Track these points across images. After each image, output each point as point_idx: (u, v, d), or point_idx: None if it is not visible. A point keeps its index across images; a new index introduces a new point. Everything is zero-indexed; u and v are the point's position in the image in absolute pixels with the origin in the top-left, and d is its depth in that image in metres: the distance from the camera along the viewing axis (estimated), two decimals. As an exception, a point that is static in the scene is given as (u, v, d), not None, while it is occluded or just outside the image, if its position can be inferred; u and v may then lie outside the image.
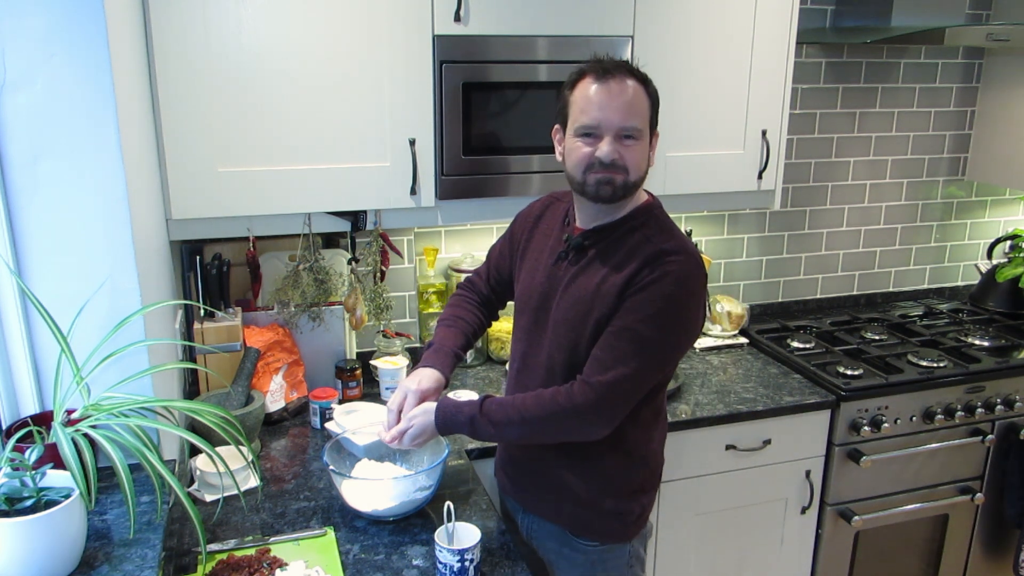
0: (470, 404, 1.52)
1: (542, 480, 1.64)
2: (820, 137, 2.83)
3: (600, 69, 1.44)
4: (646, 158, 1.48)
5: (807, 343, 2.61)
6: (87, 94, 1.32)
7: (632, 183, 1.46)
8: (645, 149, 1.47)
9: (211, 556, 1.49)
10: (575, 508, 1.61)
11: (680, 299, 1.43)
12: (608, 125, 1.43)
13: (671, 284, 1.42)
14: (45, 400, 1.43)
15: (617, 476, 1.59)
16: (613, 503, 1.59)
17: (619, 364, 1.43)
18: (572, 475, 1.59)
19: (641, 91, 1.45)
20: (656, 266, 1.43)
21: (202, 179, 1.83)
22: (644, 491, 1.64)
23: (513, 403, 1.49)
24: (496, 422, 1.48)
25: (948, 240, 3.13)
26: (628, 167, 1.45)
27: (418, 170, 1.98)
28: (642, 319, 1.42)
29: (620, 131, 1.43)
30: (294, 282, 2.10)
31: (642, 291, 1.43)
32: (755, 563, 2.38)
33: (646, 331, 1.42)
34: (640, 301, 1.43)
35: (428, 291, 2.47)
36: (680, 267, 1.43)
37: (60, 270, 1.38)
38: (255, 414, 1.90)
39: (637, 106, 1.44)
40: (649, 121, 1.47)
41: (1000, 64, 2.89)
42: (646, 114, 1.46)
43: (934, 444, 2.42)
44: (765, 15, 2.20)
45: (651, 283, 1.42)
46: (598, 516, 1.60)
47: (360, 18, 1.86)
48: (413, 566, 1.49)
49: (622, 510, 1.61)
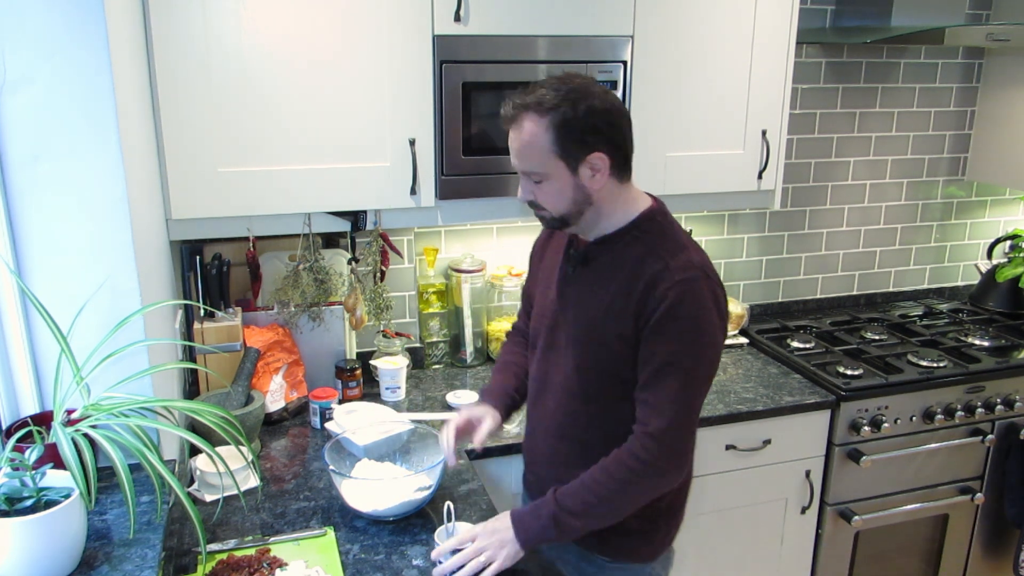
0: (545, 505, 1.43)
1: None
2: (820, 137, 2.83)
3: (506, 111, 1.40)
4: (564, 192, 1.39)
5: (807, 343, 2.61)
6: (87, 94, 1.32)
7: (559, 218, 1.43)
8: (557, 185, 1.39)
9: (211, 556, 1.49)
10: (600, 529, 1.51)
11: (701, 316, 1.38)
12: (517, 167, 1.42)
13: (688, 305, 1.36)
14: (45, 400, 1.43)
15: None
16: (638, 523, 1.53)
17: (674, 403, 1.38)
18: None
19: (538, 127, 1.35)
20: (665, 290, 1.37)
21: (202, 179, 1.83)
22: (671, 513, 1.59)
23: (584, 485, 1.42)
24: (578, 513, 1.41)
25: (948, 240, 3.13)
26: (544, 205, 1.42)
27: (418, 170, 1.98)
28: (676, 350, 1.37)
29: (522, 173, 1.42)
30: (294, 282, 2.10)
31: (664, 318, 1.37)
32: (755, 563, 2.38)
33: (686, 361, 1.38)
34: (666, 331, 1.37)
35: (428, 291, 2.47)
36: (687, 285, 1.37)
37: (60, 270, 1.38)
38: (255, 414, 1.90)
39: (532, 148, 1.36)
40: (557, 155, 1.36)
41: (1000, 64, 2.89)
42: (544, 152, 1.36)
43: (934, 444, 2.42)
44: (765, 15, 2.20)
45: (668, 309, 1.36)
46: (622, 535, 1.54)
47: (360, 18, 1.87)
48: (413, 566, 1.49)
49: (647, 529, 1.56)
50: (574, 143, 1.35)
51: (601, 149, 1.37)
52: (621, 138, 1.40)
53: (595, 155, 1.37)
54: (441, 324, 2.48)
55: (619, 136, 1.39)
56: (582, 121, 1.34)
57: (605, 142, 1.37)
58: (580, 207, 1.42)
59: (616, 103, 1.39)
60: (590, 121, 1.35)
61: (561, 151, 1.36)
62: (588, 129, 1.35)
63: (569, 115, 1.34)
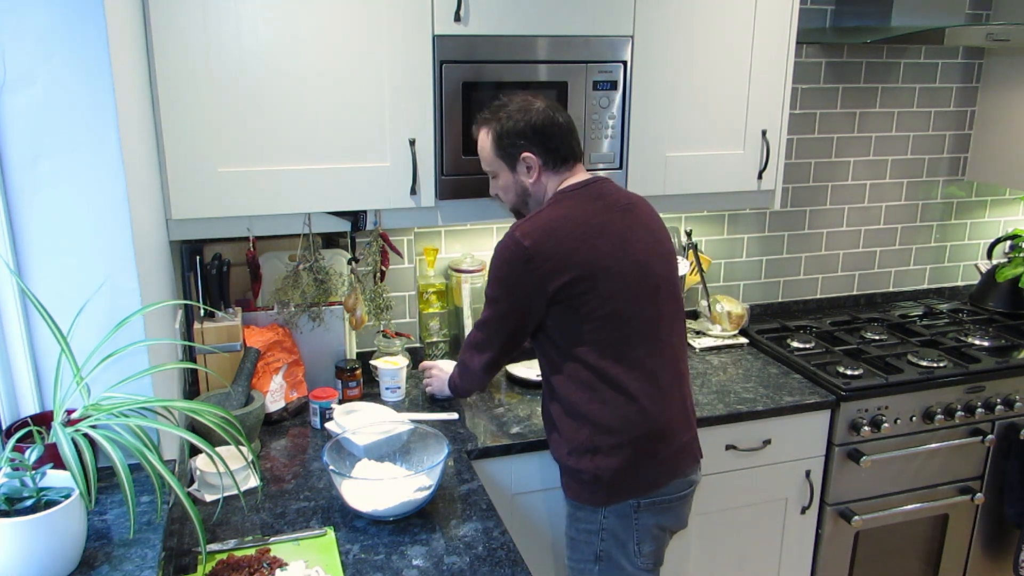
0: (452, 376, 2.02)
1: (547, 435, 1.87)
2: (820, 137, 2.83)
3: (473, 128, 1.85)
4: (508, 186, 1.81)
5: (807, 343, 2.61)
6: (87, 94, 1.32)
7: (513, 208, 1.86)
8: (504, 181, 1.80)
9: (211, 556, 1.49)
10: (556, 459, 1.81)
11: (495, 263, 1.71)
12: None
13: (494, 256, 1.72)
14: (45, 400, 1.43)
15: (567, 428, 1.74)
16: (573, 459, 1.74)
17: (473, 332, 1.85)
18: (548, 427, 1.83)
19: (485, 136, 1.78)
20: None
21: (202, 179, 1.83)
22: (594, 453, 1.72)
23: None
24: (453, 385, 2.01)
25: (948, 240, 3.14)
26: (501, 197, 1.86)
27: (418, 170, 1.99)
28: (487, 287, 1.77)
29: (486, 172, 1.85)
30: (294, 282, 2.10)
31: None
32: (755, 563, 2.38)
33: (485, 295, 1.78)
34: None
35: (428, 291, 2.47)
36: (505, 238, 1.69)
37: (60, 270, 1.38)
38: (255, 414, 1.90)
39: (483, 152, 1.81)
40: (499, 158, 1.77)
41: (1000, 64, 2.89)
42: (490, 154, 1.79)
43: (934, 444, 2.42)
44: (765, 15, 2.20)
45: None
46: (566, 472, 1.79)
47: (360, 18, 1.87)
48: (413, 566, 1.49)
49: (580, 468, 1.73)
50: (508, 147, 1.75)
51: (530, 151, 1.74)
52: (552, 142, 1.74)
53: (524, 155, 1.75)
54: (441, 324, 2.48)
55: (549, 140, 1.74)
56: (510, 132, 1.74)
57: (535, 145, 1.73)
58: (523, 198, 1.81)
59: (549, 117, 1.73)
60: (517, 130, 1.73)
61: (501, 153, 1.77)
62: (516, 135, 1.73)
63: (501, 126, 1.75)
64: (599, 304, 1.66)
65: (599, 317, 1.67)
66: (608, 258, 1.67)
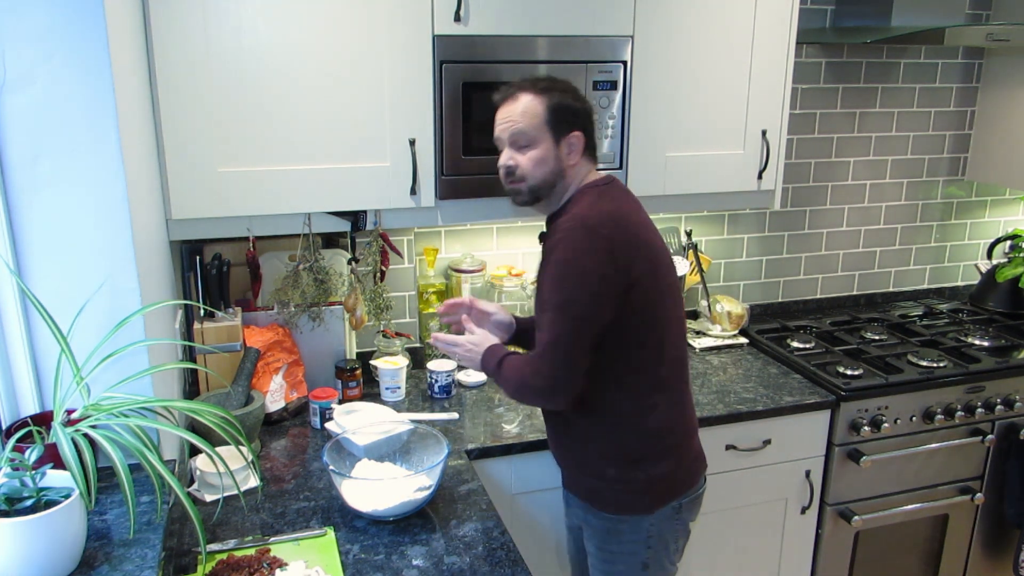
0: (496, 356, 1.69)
1: (565, 455, 1.79)
2: (820, 137, 2.83)
3: (498, 97, 1.67)
4: (546, 161, 1.63)
5: (807, 343, 2.61)
6: (87, 94, 1.32)
7: (535, 186, 1.65)
8: (542, 153, 1.62)
9: (211, 556, 1.49)
10: (587, 479, 1.74)
11: (570, 259, 1.55)
12: (503, 135, 1.65)
13: (562, 251, 1.56)
14: (45, 400, 1.43)
15: (615, 443, 1.68)
16: (615, 471, 1.68)
17: (544, 335, 1.58)
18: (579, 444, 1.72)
19: (535, 101, 1.62)
20: (555, 240, 1.59)
21: (202, 179, 1.83)
22: (643, 460, 1.68)
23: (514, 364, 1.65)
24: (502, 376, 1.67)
25: (948, 240, 3.14)
26: (523, 175, 1.64)
27: (418, 170, 1.98)
28: (549, 288, 1.59)
29: (511, 140, 1.64)
30: (294, 282, 2.10)
31: (545, 265, 1.61)
32: (755, 563, 2.38)
33: (555, 297, 1.58)
34: (546, 274, 1.61)
35: (428, 291, 2.47)
36: (568, 234, 1.56)
37: (60, 270, 1.38)
38: (255, 414, 1.90)
39: (527, 115, 1.61)
40: (548, 126, 1.61)
41: (1000, 64, 2.89)
42: (538, 121, 1.61)
43: (934, 444, 2.42)
44: (765, 15, 2.20)
45: (550, 254, 1.59)
46: (608, 486, 1.71)
47: (360, 18, 1.87)
48: (413, 566, 1.49)
49: (628, 478, 1.68)
50: (561, 121, 1.62)
51: (579, 130, 1.64)
52: (592, 129, 1.68)
53: (574, 134, 1.63)
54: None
55: (591, 127, 1.68)
56: (569, 105, 1.63)
57: (582, 127, 1.65)
58: (554, 177, 1.64)
59: (589, 105, 1.68)
60: (574, 107, 1.64)
61: (552, 123, 1.62)
62: (572, 112, 1.63)
63: (559, 99, 1.62)
64: (653, 303, 1.62)
65: (651, 317, 1.62)
66: (661, 255, 1.65)
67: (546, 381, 1.58)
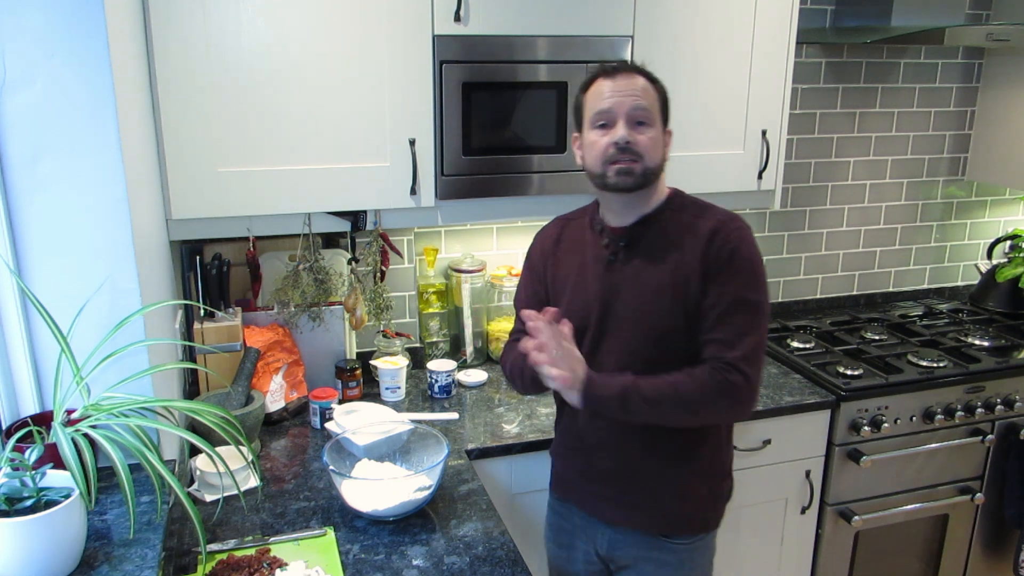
0: (622, 378, 1.49)
1: (639, 488, 1.62)
2: (820, 137, 2.83)
3: (610, 69, 1.54)
4: (659, 146, 1.53)
5: (807, 343, 2.61)
6: (87, 94, 1.32)
7: (650, 169, 1.52)
8: (658, 137, 1.53)
9: (211, 556, 1.49)
10: (673, 504, 1.62)
11: (757, 257, 1.53)
12: (619, 108, 1.50)
13: (747, 247, 1.52)
14: (45, 400, 1.43)
15: (713, 459, 1.64)
16: (707, 488, 1.64)
17: (747, 336, 1.48)
18: (673, 469, 1.60)
19: (649, 85, 1.53)
20: (727, 237, 1.51)
21: (202, 179, 1.83)
22: (730, 471, 1.70)
23: (665, 380, 1.48)
24: (649, 399, 1.47)
25: (948, 240, 3.13)
26: (642, 153, 1.50)
27: (418, 170, 1.98)
28: (743, 286, 1.49)
29: (631, 115, 1.50)
30: (294, 282, 2.10)
31: (729, 263, 1.50)
32: (755, 563, 2.38)
33: (752, 295, 1.50)
34: (732, 272, 1.50)
35: (428, 291, 2.47)
36: (743, 231, 1.53)
37: (60, 270, 1.38)
38: (255, 414, 1.90)
39: (646, 94, 1.52)
40: (660, 113, 1.54)
41: (1000, 64, 2.89)
42: (655, 103, 1.53)
43: (934, 444, 2.42)
44: (765, 15, 2.20)
45: (732, 253, 1.50)
46: (696, 506, 1.64)
47: (360, 18, 1.86)
48: (413, 566, 1.49)
49: (717, 492, 1.67)
50: (665, 111, 1.56)
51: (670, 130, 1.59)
52: None
53: (669, 131, 1.59)
54: (441, 324, 2.48)
55: None
56: (667, 100, 1.57)
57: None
58: (661, 168, 1.56)
59: None
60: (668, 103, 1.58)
61: (663, 111, 1.56)
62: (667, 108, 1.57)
63: (663, 90, 1.57)
64: None
65: None
66: None
67: (756, 388, 1.50)
